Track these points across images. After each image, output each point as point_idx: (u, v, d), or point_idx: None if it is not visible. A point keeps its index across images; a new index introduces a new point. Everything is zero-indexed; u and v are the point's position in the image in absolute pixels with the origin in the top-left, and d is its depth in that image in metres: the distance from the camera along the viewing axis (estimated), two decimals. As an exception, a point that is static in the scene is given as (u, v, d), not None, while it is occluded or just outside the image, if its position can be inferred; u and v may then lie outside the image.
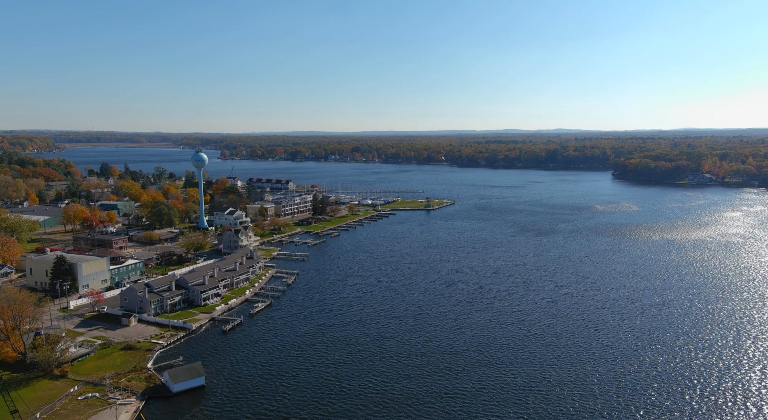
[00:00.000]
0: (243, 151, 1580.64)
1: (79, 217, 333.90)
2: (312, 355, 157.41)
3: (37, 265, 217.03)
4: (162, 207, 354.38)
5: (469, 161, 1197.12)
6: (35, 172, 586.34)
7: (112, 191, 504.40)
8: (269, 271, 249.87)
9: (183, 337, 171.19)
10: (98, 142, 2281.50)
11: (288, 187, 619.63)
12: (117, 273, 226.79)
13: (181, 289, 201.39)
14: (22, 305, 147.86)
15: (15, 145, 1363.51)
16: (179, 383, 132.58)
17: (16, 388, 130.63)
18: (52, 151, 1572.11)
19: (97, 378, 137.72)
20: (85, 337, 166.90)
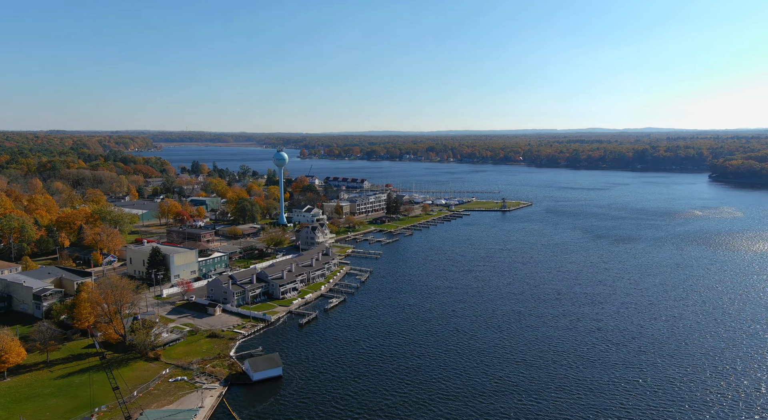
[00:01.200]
0: (321, 151, 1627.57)
1: (172, 212, 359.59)
2: (383, 354, 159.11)
3: (136, 255, 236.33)
4: (245, 203, 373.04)
5: (549, 161, 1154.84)
6: (135, 169, 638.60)
7: (202, 188, 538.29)
8: (343, 268, 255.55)
9: (262, 328, 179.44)
10: (190, 141, 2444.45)
11: (363, 185, 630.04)
12: (204, 265, 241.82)
13: (261, 282, 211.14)
14: (123, 291, 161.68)
15: (119, 144, 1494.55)
16: (259, 372, 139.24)
17: (117, 367, 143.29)
18: (151, 149, 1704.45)
19: (185, 362, 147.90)
20: (176, 323, 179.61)
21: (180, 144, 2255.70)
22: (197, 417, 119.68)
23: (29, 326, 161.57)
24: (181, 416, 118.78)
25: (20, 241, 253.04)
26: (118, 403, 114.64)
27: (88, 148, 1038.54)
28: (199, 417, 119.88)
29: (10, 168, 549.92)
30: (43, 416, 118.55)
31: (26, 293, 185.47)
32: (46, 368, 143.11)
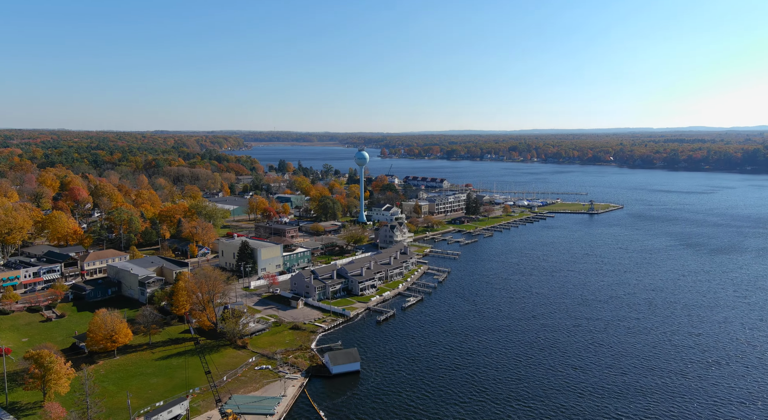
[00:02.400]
0: (401, 150, 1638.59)
1: (260, 208, 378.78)
2: (459, 357, 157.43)
3: (227, 248, 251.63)
4: (328, 201, 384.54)
5: (643, 162, 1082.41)
6: (228, 167, 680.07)
7: (287, 185, 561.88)
8: (421, 268, 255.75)
9: (341, 323, 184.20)
10: (278, 140, 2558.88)
11: (442, 185, 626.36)
12: (288, 259, 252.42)
13: (341, 278, 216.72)
14: (215, 282, 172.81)
15: (214, 143, 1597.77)
16: (338, 366, 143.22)
17: (209, 352, 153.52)
18: (242, 148, 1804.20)
19: (270, 352, 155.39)
20: (262, 314, 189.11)
21: (268, 143, 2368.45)
22: (280, 405, 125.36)
23: (135, 310, 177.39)
24: (265, 403, 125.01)
25: (129, 232, 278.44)
26: (210, 387, 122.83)
27: (187, 147, 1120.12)
28: (281, 405, 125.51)
29: (122, 165, 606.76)
30: (146, 393, 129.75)
31: (133, 280, 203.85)
32: (149, 350, 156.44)
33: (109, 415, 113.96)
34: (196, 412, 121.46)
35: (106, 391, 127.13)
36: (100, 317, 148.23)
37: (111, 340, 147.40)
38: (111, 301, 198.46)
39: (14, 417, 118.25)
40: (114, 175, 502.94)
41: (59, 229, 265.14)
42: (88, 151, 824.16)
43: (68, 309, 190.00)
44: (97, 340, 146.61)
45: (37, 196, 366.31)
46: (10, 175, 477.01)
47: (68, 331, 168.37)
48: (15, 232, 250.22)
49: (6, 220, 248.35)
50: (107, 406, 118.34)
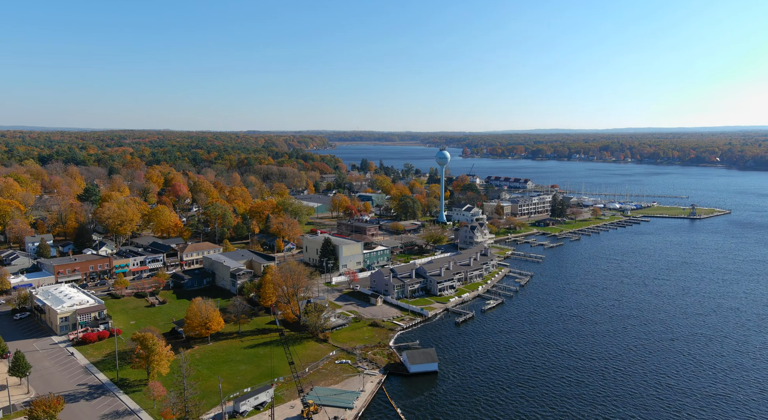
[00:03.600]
0: (483, 149, 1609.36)
1: (343, 206, 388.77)
2: (540, 365, 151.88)
3: (311, 244, 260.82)
4: (408, 200, 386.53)
5: (756, 163, 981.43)
6: (313, 165, 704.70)
7: (369, 184, 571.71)
8: (502, 270, 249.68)
9: (419, 322, 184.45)
10: (360, 140, 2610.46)
11: (526, 186, 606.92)
12: (368, 257, 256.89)
13: (419, 278, 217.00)
14: (299, 276, 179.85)
15: (301, 143, 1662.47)
16: (415, 365, 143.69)
17: (293, 344, 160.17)
18: (327, 148, 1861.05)
19: (350, 347, 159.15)
20: (342, 309, 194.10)
21: (351, 143, 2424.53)
22: (359, 399, 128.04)
23: (227, 300, 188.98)
24: (344, 397, 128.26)
25: (222, 226, 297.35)
26: (293, 377, 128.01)
27: (276, 147, 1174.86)
28: (360, 400, 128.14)
29: (218, 163, 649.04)
30: (235, 379, 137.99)
31: (225, 271, 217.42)
32: (238, 338, 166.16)
33: (203, 397, 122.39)
34: (280, 400, 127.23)
35: (201, 375, 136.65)
36: (196, 305, 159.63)
37: (205, 327, 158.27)
38: (206, 290, 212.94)
39: (123, 392, 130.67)
40: (210, 173, 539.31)
41: (163, 222, 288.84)
42: (188, 150, 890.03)
43: (169, 296, 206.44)
44: (193, 327, 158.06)
45: (144, 192, 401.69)
46: (123, 171, 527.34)
47: (169, 316, 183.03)
48: (126, 223, 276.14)
49: (119, 213, 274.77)
50: (201, 388, 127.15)
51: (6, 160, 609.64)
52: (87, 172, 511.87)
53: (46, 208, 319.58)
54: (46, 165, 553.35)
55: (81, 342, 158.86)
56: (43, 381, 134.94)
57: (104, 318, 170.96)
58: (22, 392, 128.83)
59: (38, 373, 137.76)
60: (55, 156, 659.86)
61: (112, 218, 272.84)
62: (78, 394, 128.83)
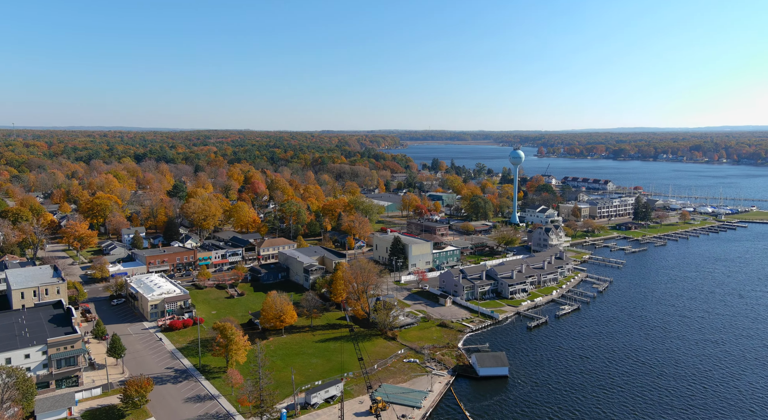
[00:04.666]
0: (560, 149, 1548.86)
1: (413, 205, 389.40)
2: (618, 375, 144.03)
3: (381, 243, 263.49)
4: (479, 200, 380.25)
5: None
6: (384, 165, 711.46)
7: (439, 184, 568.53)
8: (579, 275, 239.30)
9: (489, 324, 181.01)
10: (432, 139, 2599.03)
11: (606, 187, 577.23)
12: (438, 257, 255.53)
13: (490, 280, 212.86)
14: (369, 274, 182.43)
15: (373, 142, 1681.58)
16: (485, 368, 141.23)
17: (362, 340, 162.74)
18: (398, 147, 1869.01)
19: (418, 346, 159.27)
20: (411, 309, 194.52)
21: (423, 142, 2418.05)
22: (427, 399, 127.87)
23: (299, 294, 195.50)
24: (412, 395, 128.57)
25: (297, 222, 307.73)
26: (362, 373, 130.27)
27: (348, 146, 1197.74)
28: (428, 399, 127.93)
29: (293, 162, 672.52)
30: (307, 371, 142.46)
31: (299, 267, 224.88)
32: (310, 332, 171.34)
33: (277, 387, 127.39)
34: (349, 395, 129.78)
35: (275, 365, 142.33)
36: (271, 298, 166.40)
37: (280, 320, 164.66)
38: (280, 284, 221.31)
39: (205, 377, 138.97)
40: (287, 171, 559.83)
41: (242, 218, 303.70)
42: (267, 149, 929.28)
43: (247, 288, 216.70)
44: (268, 319, 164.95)
45: (226, 188, 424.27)
46: (207, 169, 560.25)
47: (246, 308, 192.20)
48: (209, 218, 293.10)
49: (203, 209, 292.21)
50: (275, 378, 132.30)
51: (107, 158, 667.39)
52: (175, 170, 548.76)
53: (140, 203, 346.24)
54: (140, 163, 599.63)
55: (168, 328, 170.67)
56: (136, 363, 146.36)
57: (189, 307, 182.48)
58: (117, 372, 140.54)
59: (131, 356, 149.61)
60: (149, 154, 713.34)
61: (197, 213, 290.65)
62: (165, 377, 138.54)
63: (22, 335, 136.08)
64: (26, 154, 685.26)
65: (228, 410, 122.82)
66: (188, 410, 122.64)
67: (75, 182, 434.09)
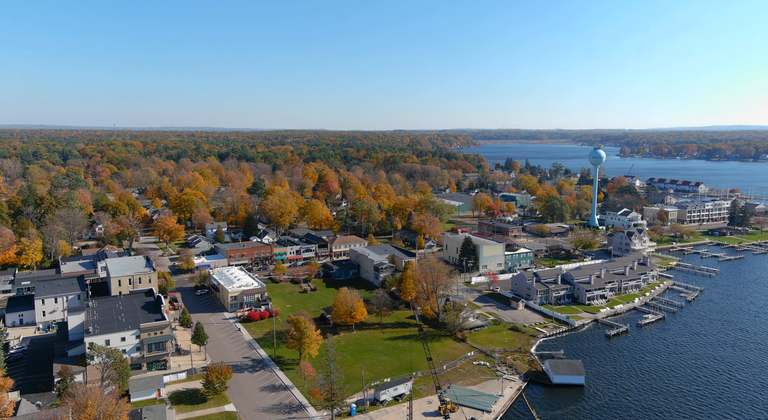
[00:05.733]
0: (645, 148, 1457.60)
1: (484, 205, 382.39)
2: (707, 393, 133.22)
3: (451, 243, 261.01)
4: (555, 202, 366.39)
5: None
6: (456, 164, 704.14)
7: (513, 184, 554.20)
8: (664, 282, 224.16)
9: (564, 331, 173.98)
10: (506, 138, 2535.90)
11: (697, 190, 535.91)
12: (510, 259, 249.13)
13: (566, 284, 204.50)
14: (438, 274, 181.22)
15: (445, 141, 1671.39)
16: (559, 375, 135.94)
17: (431, 340, 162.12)
18: (470, 146, 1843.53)
19: (488, 349, 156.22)
20: (481, 311, 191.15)
21: (497, 141, 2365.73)
22: (497, 404, 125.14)
23: (370, 292, 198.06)
24: (482, 399, 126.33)
25: (368, 221, 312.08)
26: (431, 373, 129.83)
27: (420, 145, 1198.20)
28: (498, 404, 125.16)
29: (366, 161, 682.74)
30: (376, 368, 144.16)
31: (369, 264, 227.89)
32: (380, 329, 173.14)
33: (347, 382, 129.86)
34: (418, 394, 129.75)
35: (345, 360, 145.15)
36: (342, 294, 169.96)
37: (350, 316, 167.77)
38: (351, 281, 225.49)
39: (279, 368, 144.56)
40: (359, 170, 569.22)
41: (316, 215, 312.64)
42: (340, 148, 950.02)
43: (319, 284, 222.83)
44: (339, 314, 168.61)
45: (301, 187, 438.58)
46: (284, 168, 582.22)
47: (319, 303, 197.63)
48: (285, 215, 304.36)
49: (279, 206, 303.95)
50: (345, 373, 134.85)
51: (194, 156, 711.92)
52: (255, 168, 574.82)
53: (223, 199, 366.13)
54: (223, 161, 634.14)
55: (246, 319, 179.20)
56: (216, 350, 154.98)
57: (265, 300, 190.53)
58: (200, 358, 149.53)
59: (213, 343, 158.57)
60: (231, 153, 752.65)
61: (274, 210, 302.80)
62: (243, 366, 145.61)
63: (119, 320, 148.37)
64: (124, 152, 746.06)
65: (300, 401, 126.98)
66: (264, 399, 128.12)
67: (165, 179, 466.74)
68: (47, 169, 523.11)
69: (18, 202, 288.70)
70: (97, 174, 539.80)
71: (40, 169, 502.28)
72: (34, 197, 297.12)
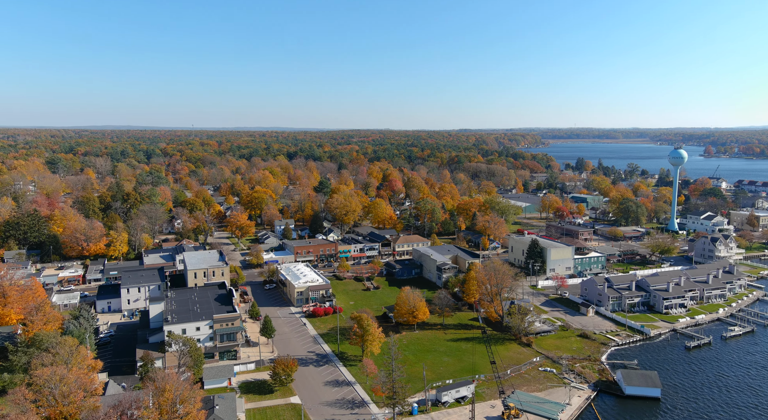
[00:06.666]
0: (734, 148, 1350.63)
1: (553, 207, 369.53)
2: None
3: (516, 245, 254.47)
4: (630, 204, 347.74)
5: None
6: (523, 164, 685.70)
7: (584, 185, 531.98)
8: (753, 292, 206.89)
9: (639, 340, 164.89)
10: (577, 138, 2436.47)
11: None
12: (580, 263, 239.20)
13: (641, 291, 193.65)
14: (503, 276, 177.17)
15: (512, 141, 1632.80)
16: (632, 387, 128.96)
17: (494, 343, 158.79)
18: (539, 146, 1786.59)
19: (555, 356, 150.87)
20: (548, 315, 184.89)
21: (567, 141, 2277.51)
22: (564, 412, 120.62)
23: (432, 292, 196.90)
24: (548, 406, 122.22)
25: (431, 221, 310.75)
26: (494, 377, 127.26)
27: (486, 145, 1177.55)
28: (566, 413, 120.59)
29: (430, 161, 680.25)
30: (438, 369, 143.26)
31: (432, 264, 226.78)
32: (442, 330, 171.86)
33: (408, 381, 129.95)
34: (480, 397, 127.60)
35: (407, 360, 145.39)
36: (405, 294, 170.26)
37: (412, 315, 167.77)
38: (414, 280, 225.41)
39: (342, 364, 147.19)
40: (423, 170, 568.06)
41: (379, 214, 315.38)
42: (404, 147, 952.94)
43: (382, 282, 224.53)
44: (402, 313, 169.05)
45: (365, 186, 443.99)
46: (349, 167, 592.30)
47: (381, 301, 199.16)
48: (350, 214, 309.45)
49: (344, 204, 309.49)
50: (407, 372, 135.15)
51: (264, 155, 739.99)
52: (321, 167, 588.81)
53: (290, 197, 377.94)
54: (292, 160, 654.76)
55: (311, 315, 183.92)
56: (283, 344, 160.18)
57: (329, 296, 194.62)
58: (268, 350, 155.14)
59: (279, 337, 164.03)
60: (299, 153, 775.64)
61: (339, 208, 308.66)
62: (308, 360, 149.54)
63: (194, 310, 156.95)
64: (201, 151, 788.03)
65: (363, 398, 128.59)
66: (327, 393, 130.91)
67: (238, 177, 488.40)
68: (133, 167, 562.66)
69: (108, 198, 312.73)
70: (176, 172, 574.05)
71: (127, 167, 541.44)
72: (121, 193, 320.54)
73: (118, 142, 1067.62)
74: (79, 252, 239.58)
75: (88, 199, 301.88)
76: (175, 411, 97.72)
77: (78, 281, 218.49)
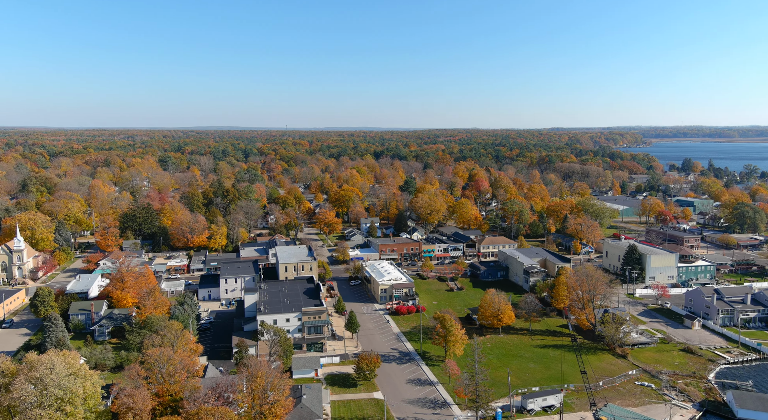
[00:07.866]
0: None
1: (654, 210, 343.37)
2: None
3: (612, 250, 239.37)
4: (746, 209, 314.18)
5: None
6: (621, 165, 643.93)
7: (691, 188, 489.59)
8: None
9: (754, 359, 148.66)
10: (684, 137, 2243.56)
11: None
12: (684, 272, 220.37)
13: (757, 305, 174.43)
14: (596, 282, 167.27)
15: (609, 140, 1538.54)
16: (746, 410, 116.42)
17: (585, 352, 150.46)
18: (639, 145, 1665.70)
19: (654, 370, 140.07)
20: (646, 326, 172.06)
21: (672, 140, 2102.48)
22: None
23: (518, 296, 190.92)
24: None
25: (519, 222, 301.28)
26: (585, 387, 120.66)
27: (580, 144, 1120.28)
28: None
29: (518, 160, 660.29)
30: (524, 375, 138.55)
31: (519, 267, 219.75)
32: (528, 335, 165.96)
33: (492, 385, 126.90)
34: (569, 408, 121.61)
35: (491, 363, 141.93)
36: (489, 296, 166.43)
37: (497, 319, 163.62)
38: (499, 283, 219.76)
39: (425, 363, 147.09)
40: (511, 169, 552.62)
41: (464, 215, 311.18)
42: (492, 147, 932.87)
43: (465, 283, 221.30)
44: (486, 316, 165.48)
45: (451, 185, 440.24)
46: (435, 166, 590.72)
47: (465, 302, 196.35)
48: (434, 213, 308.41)
49: (429, 203, 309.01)
50: (491, 376, 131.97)
51: (352, 155, 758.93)
52: (407, 166, 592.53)
53: (376, 196, 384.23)
54: (378, 159, 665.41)
55: (394, 312, 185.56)
56: (367, 339, 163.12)
57: (413, 295, 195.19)
58: (352, 345, 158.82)
59: (363, 332, 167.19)
60: (385, 152, 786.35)
61: (424, 208, 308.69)
62: (390, 357, 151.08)
63: (285, 302, 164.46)
64: (293, 151, 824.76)
65: (445, 399, 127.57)
66: (409, 391, 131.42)
67: (327, 176, 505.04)
68: (232, 165, 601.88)
69: (210, 194, 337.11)
70: (271, 170, 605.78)
71: (227, 165, 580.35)
72: (222, 190, 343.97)
73: (219, 141, 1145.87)
74: (185, 243, 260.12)
75: (193, 195, 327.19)
76: (266, 397, 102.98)
77: (183, 270, 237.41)
